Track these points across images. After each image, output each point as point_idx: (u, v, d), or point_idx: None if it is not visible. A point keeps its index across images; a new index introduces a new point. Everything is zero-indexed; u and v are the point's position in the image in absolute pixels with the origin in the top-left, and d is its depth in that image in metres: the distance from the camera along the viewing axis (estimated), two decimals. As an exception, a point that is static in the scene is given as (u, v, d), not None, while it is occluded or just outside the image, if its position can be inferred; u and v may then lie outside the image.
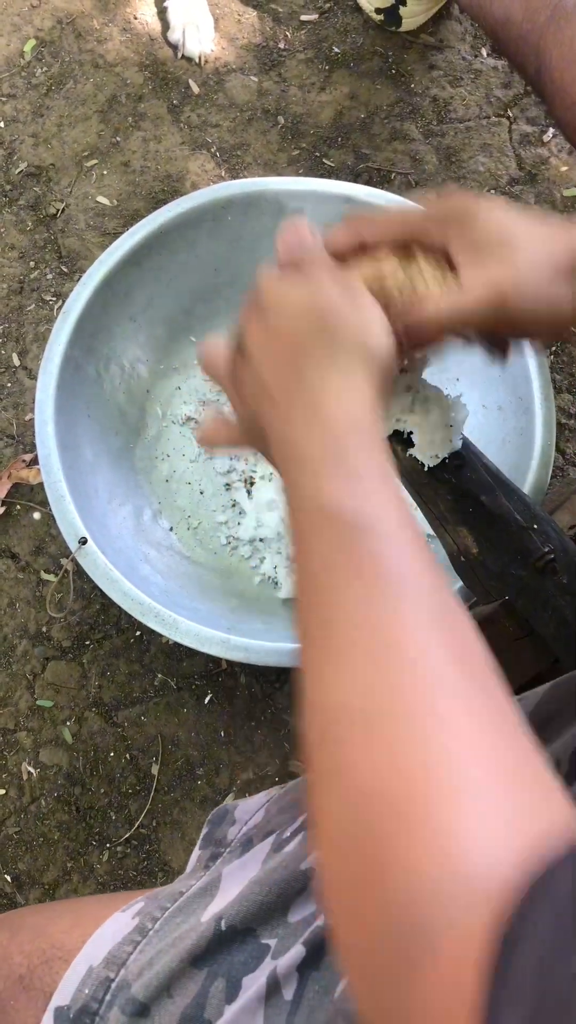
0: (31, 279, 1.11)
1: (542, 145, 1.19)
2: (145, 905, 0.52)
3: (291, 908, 0.48)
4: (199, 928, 0.48)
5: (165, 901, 0.52)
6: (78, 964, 0.50)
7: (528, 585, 0.65)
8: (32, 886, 0.92)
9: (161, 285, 0.97)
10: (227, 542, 0.97)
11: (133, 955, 0.49)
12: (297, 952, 0.46)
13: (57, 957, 0.51)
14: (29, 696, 0.97)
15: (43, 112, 1.19)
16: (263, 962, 0.47)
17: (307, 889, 0.49)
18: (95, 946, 0.50)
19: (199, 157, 1.17)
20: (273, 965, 0.46)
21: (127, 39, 1.22)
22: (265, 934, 0.48)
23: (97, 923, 0.52)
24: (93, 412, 0.94)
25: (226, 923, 0.48)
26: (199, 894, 0.51)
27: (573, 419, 1.08)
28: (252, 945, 0.48)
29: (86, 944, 0.50)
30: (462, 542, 0.67)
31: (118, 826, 0.94)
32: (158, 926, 0.50)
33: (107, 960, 0.49)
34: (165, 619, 0.81)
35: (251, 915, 0.48)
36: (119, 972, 0.49)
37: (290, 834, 0.53)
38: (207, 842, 0.57)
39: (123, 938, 0.50)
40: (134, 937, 0.50)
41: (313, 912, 0.48)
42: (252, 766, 0.95)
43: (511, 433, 0.91)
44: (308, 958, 0.46)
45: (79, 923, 0.53)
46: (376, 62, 1.22)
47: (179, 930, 0.49)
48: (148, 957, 0.49)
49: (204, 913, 0.49)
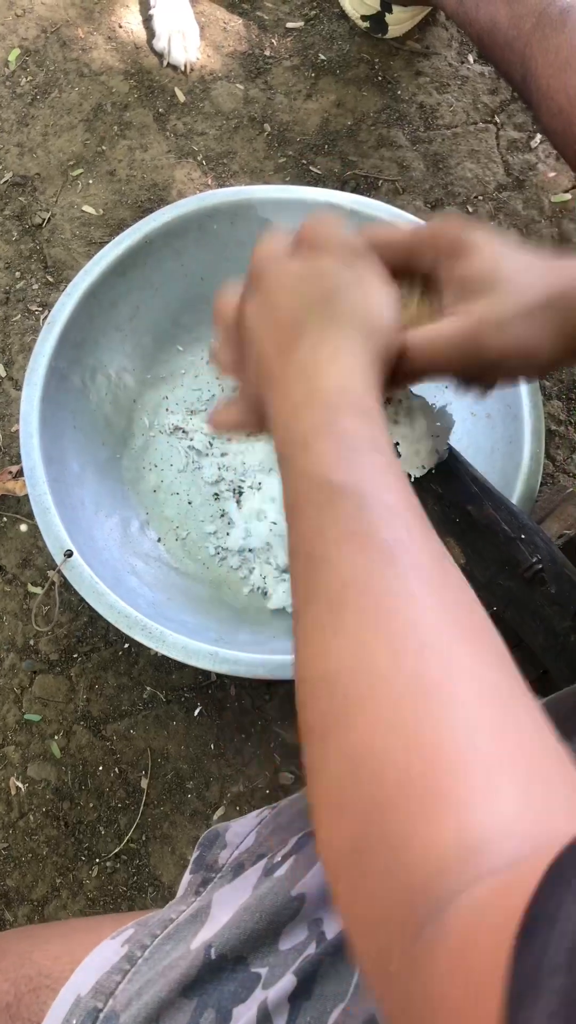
0: (16, 289, 1.11)
1: (529, 151, 1.19)
2: (135, 932, 0.51)
3: (282, 935, 0.48)
4: (188, 956, 0.47)
5: (155, 928, 0.51)
6: (65, 993, 0.49)
7: (516, 596, 0.65)
8: (20, 903, 0.91)
9: (147, 294, 0.97)
10: (216, 552, 0.96)
11: (122, 984, 0.48)
12: (288, 982, 0.45)
13: (44, 985, 0.50)
14: (16, 710, 0.96)
15: (28, 121, 1.18)
16: (254, 992, 0.46)
17: (298, 915, 0.48)
18: (83, 974, 0.49)
19: (185, 165, 1.17)
20: (264, 995, 0.45)
21: (112, 48, 1.21)
22: (256, 963, 0.47)
23: (85, 949, 0.51)
24: (79, 423, 0.93)
25: (216, 951, 0.47)
26: (189, 921, 0.50)
27: (563, 425, 1.07)
28: (242, 974, 0.47)
29: (74, 972, 0.49)
30: (449, 553, 0.66)
31: (107, 841, 0.93)
32: (147, 954, 0.49)
33: (95, 989, 0.48)
34: (152, 632, 0.80)
35: (241, 943, 0.47)
36: (107, 1002, 0.48)
37: (280, 858, 0.52)
38: (198, 866, 0.56)
39: (112, 967, 0.49)
40: (123, 966, 0.49)
41: (304, 940, 0.47)
42: (242, 779, 0.94)
43: (500, 441, 0.91)
44: (300, 988, 0.45)
45: (67, 949, 0.52)
46: (362, 69, 1.21)
47: (168, 958, 0.48)
48: (137, 987, 0.48)
49: (194, 940, 0.48)
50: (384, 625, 0.31)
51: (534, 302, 0.45)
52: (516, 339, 0.45)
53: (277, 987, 0.45)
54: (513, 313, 0.45)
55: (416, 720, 0.29)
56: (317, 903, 0.49)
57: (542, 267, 0.47)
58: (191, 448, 1.00)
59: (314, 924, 0.48)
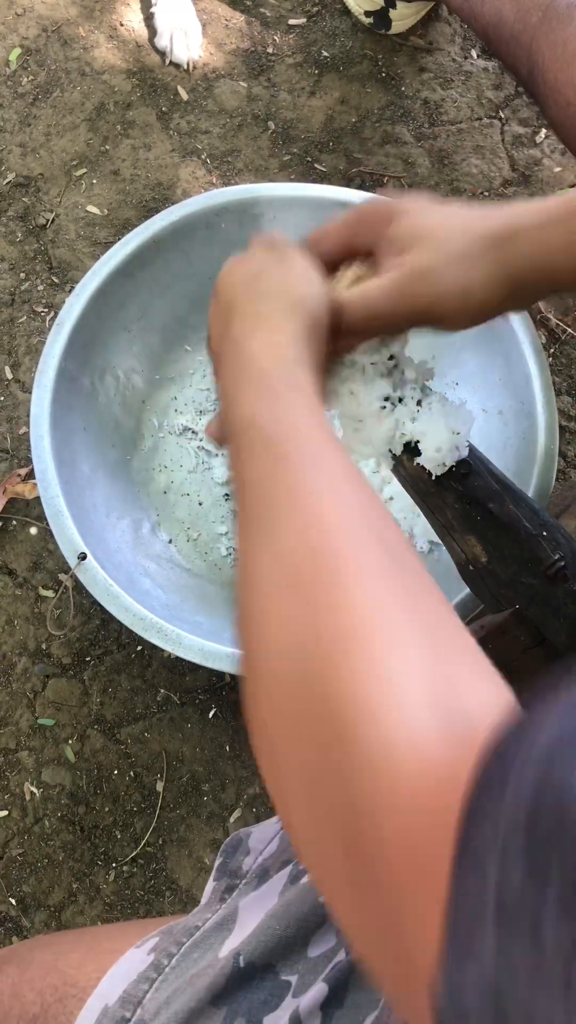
0: (22, 291, 1.10)
1: (535, 146, 1.19)
2: (160, 940, 0.51)
3: (311, 942, 0.47)
4: (217, 964, 0.47)
5: (181, 936, 0.50)
6: (93, 1003, 0.48)
7: (539, 593, 0.64)
8: (37, 909, 0.91)
9: (155, 295, 0.96)
10: (228, 553, 0.96)
11: (149, 993, 0.47)
12: (320, 990, 0.44)
13: (71, 995, 0.49)
14: (30, 715, 0.95)
15: (30, 121, 1.17)
16: (284, 1000, 0.45)
17: (326, 922, 0.47)
18: (110, 984, 0.49)
19: (189, 164, 1.16)
20: (295, 1004, 0.45)
21: (114, 46, 1.21)
22: (285, 970, 0.46)
23: (111, 958, 0.50)
24: (89, 425, 0.93)
25: (244, 959, 0.46)
26: (216, 928, 0.50)
27: (573, 422, 1.07)
28: (272, 982, 0.46)
29: (101, 982, 0.49)
30: (471, 551, 0.65)
31: (124, 845, 0.92)
32: (174, 963, 0.49)
33: (123, 999, 0.48)
34: (168, 634, 0.79)
35: (269, 950, 0.47)
36: (135, 1012, 0.47)
37: None
38: (222, 873, 0.55)
39: (138, 975, 0.48)
40: (149, 974, 0.48)
41: (334, 947, 0.47)
42: (259, 780, 0.93)
43: (513, 437, 0.90)
44: (331, 996, 0.44)
45: (92, 957, 0.51)
46: (366, 65, 1.21)
47: (196, 967, 0.48)
48: (165, 996, 0.47)
49: (221, 948, 0.48)
50: (297, 527, 0.35)
51: (460, 248, 0.48)
52: (445, 283, 0.47)
53: (308, 995, 0.45)
54: (441, 259, 0.47)
55: (327, 599, 0.32)
56: None
57: (468, 216, 0.49)
58: (201, 448, 1.00)
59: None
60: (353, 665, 0.29)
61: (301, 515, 0.35)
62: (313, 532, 0.34)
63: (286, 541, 0.34)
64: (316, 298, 0.46)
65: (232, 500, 0.41)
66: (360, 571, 0.32)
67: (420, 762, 0.26)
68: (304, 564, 0.33)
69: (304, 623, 0.32)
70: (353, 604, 0.31)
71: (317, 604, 0.32)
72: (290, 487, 0.36)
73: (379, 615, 0.31)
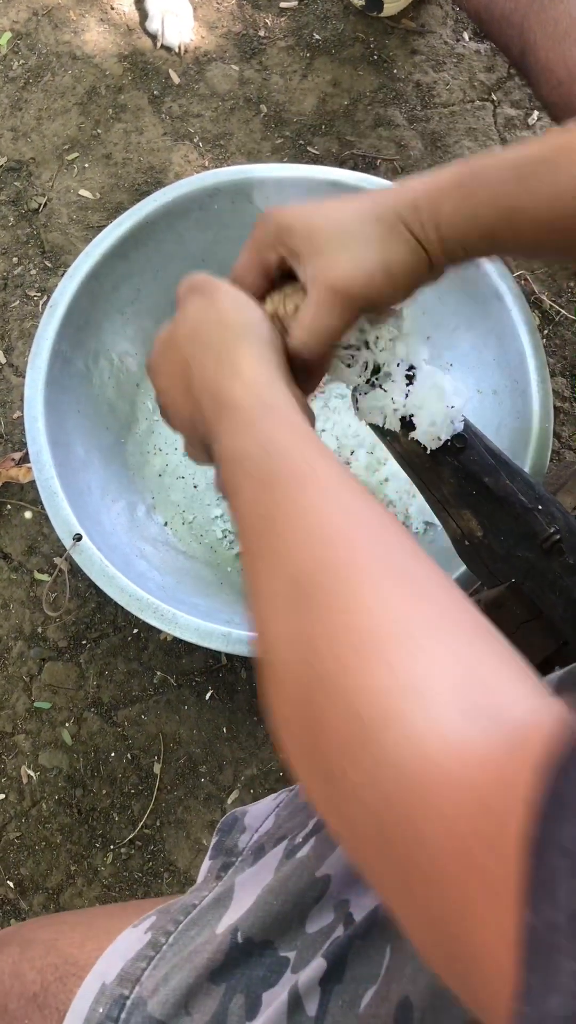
0: (14, 275, 1.10)
1: (527, 128, 1.18)
2: (157, 919, 0.51)
3: (308, 917, 0.47)
4: (215, 941, 0.47)
5: (178, 914, 0.50)
6: (91, 981, 0.48)
7: (535, 567, 0.64)
8: (35, 891, 0.91)
9: (148, 277, 0.96)
10: (223, 535, 0.96)
11: (147, 971, 0.47)
12: (318, 965, 0.44)
13: (70, 974, 0.49)
14: (26, 698, 0.95)
15: (21, 105, 1.17)
16: (283, 976, 0.45)
17: (324, 897, 0.47)
18: (108, 962, 0.49)
19: (182, 148, 1.16)
20: (294, 979, 0.45)
21: (105, 30, 1.20)
22: (283, 946, 0.46)
23: (109, 937, 0.50)
24: (83, 408, 0.92)
25: (242, 935, 0.47)
26: (212, 905, 0.50)
27: (568, 402, 1.07)
28: (270, 958, 0.46)
29: (98, 960, 0.49)
30: (466, 525, 0.66)
31: (121, 827, 0.92)
32: (172, 940, 0.49)
33: (120, 977, 0.48)
34: (164, 614, 0.79)
35: (267, 926, 0.47)
36: (133, 989, 0.47)
37: (302, 839, 0.51)
38: (218, 851, 0.55)
39: (136, 954, 0.48)
40: (147, 952, 0.48)
41: (332, 921, 0.47)
42: (256, 761, 0.94)
43: (507, 417, 0.90)
44: (330, 971, 0.44)
45: (91, 936, 0.51)
46: (358, 48, 1.21)
47: (194, 943, 0.48)
48: (163, 973, 0.47)
49: (219, 925, 0.48)
50: (311, 544, 0.35)
51: (360, 233, 0.49)
52: (363, 272, 0.48)
53: (307, 971, 0.45)
54: (347, 253, 0.48)
55: (342, 604, 0.32)
56: (343, 884, 0.48)
57: (351, 204, 0.50)
58: (196, 431, 1.00)
59: (340, 905, 0.48)
60: (372, 671, 0.29)
61: (300, 530, 0.35)
62: (316, 544, 0.34)
63: (289, 558, 0.35)
64: (255, 318, 0.48)
65: (236, 528, 0.42)
66: (366, 576, 0.32)
67: (456, 763, 0.26)
68: (309, 576, 0.33)
69: (314, 635, 0.32)
70: (363, 610, 0.31)
71: (326, 614, 0.32)
72: (283, 505, 0.37)
73: (391, 618, 0.31)
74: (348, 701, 0.29)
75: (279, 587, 0.34)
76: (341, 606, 0.32)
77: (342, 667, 0.30)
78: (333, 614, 0.32)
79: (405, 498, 0.95)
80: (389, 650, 0.29)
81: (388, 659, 0.29)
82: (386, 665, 0.29)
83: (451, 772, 0.26)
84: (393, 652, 0.29)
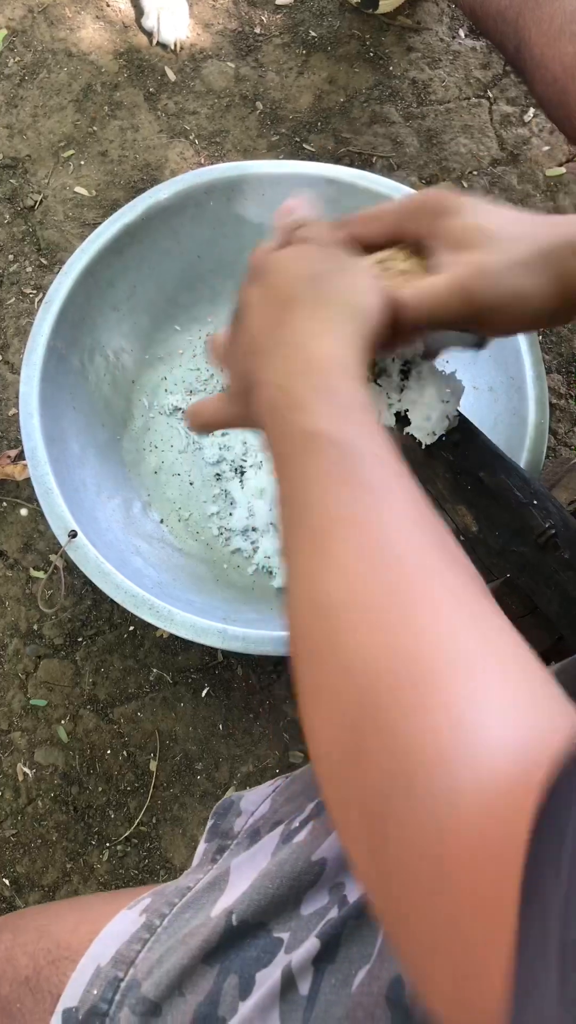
0: (10, 272, 1.09)
1: (523, 125, 1.18)
2: (152, 901, 0.51)
3: (303, 900, 0.47)
4: (209, 923, 0.47)
5: (173, 897, 0.50)
6: (85, 964, 0.48)
7: (530, 562, 0.64)
8: (31, 889, 0.91)
9: (144, 273, 0.96)
10: (219, 533, 0.96)
11: (142, 953, 0.47)
12: (312, 945, 0.44)
13: (63, 957, 0.49)
14: (22, 695, 0.95)
15: (17, 103, 1.17)
16: (276, 956, 0.45)
17: (319, 880, 0.47)
18: (102, 945, 0.49)
19: (178, 145, 1.16)
20: (287, 960, 0.45)
21: (100, 27, 1.20)
22: (277, 928, 0.46)
23: (103, 921, 0.50)
24: (78, 404, 0.92)
25: (237, 917, 0.47)
26: (207, 888, 0.50)
27: (564, 399, 1.07)
28: (264, 939, 0.46)
29: (93, 943, 0.49)
30: (461, 520, 0.65)
31: (117, 825, 0.92)
32: (166, 923, 0.49)
33: (115, 959, 0.48)
34: (160, 611, 0.79)
35: (262, 908, 0.47)
36: (128, 971, 0.47)
37: (299, 824, 0.51)
38: (213, 834, 0.55)
39: (131, 936, 0.48)
40: (142, 935, 0.48)
41: (326, 904, 0.47)
42: (252, 758, 0.93)
43: (503, 413, 0.90)
44: (323, 951, 0.44)
45: (85, 921, 0.51)
46: (353, 45, 1.20)
47: (188, 926, 0.48)
48: (157, 955, 0.47)
49: (213, 908, 0.48)
50: (372, 557, 0.33)
51: (524, 253, 0.46)
52: (507, 287, 0.46)
53: (300, 951, 0.45)
54: (504, 262, 0.46)
55: (402, 628, 0.31)
56: (338, 868, 0.48)
57: (531, 221, 0.48)
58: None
59: (336, 888, 0.48)
60: (426, 701, 0.28)
61: (374, 541, 0.34)
62: (388, 559, 0.33)
63: (356, 565, 0.33)
64: (379, 310, 0.45)
65: (279, 506, 0.39)
66: (434, 603, 0.31)
67: (485, 801, 0.25)
68: (376, 590, 0.32)
69: (375, 649, 0.30)
70: (428, 636, 0.30)
71: (391, 633, 0.31)
72: (364, 511, 0.35)
73: (454, 650, 0.30)
74: (397, 726, 0.28)
75: (341, 590, 0.33)
76: (407, 630, 0.30)
77: (395, 699, 0.29)
78: (397, 634, 0.30)
79: (401, 495, 0.95)
80: (446, 682, 0.28)
81: (444, 690, 0.28)
82: (441, 696, 0.28)
83: (475, 810, 0.25)
84: (450, 684, 0.28)
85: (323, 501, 0.36)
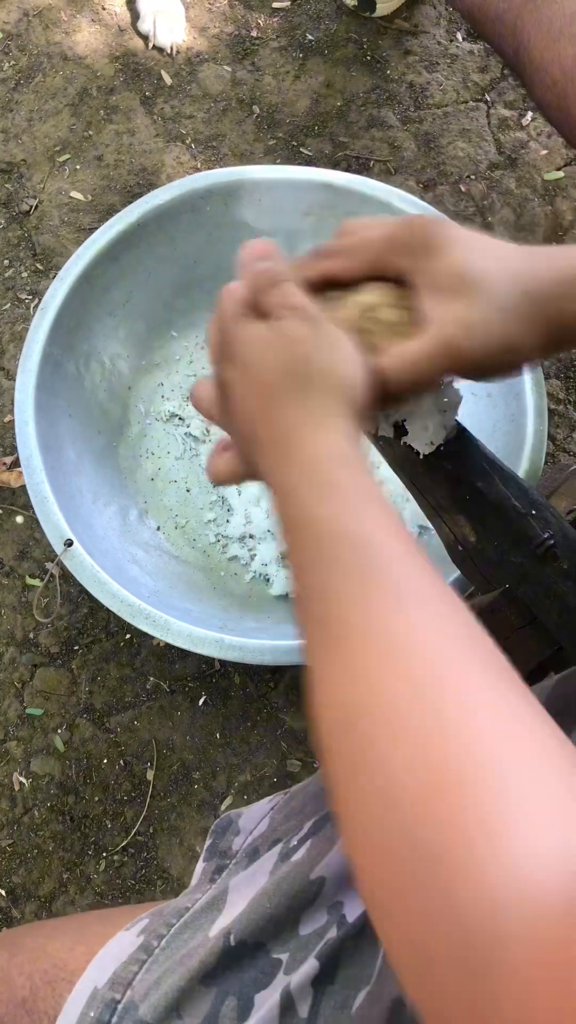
0: (5, 278, 1.09)
1: (521, 129, 1.18)
2: (150, 922, 0.50)
3: (302, 920, 0.46)
4: (207, 944, 0.46)
5: (171, 917, 0.50)
6: (82, 986, 0.48)
7: (528, 572, 0.64)
8: (28, 899, 0.90)
9: (140, 279, 0.95)
10: (216, 540, 0.95)
11: (139, 975, 0.47)
12: (311, 967, 0.44)
13: (60, 978, 0.49)
14: (18, 704, 0.95)
15: (12, 107, 1.16)
16: (275, 977, 0.45)
17: (317, 899, 0.47)
18: (99, 966, 0.48)
19: (174, 149, 1.15)
20: (286, 981, 0.44)
21: (96, 30, 1.19)
22: (276, 948, 0.46)
23: (101, 941, 0.49)
24: (74, 411, 0.92)
25: (235, 938, 0.46)
26: (206, 908, 0.49)
27: (562, 404, 1.07)
28: (263, 960, 0.46)
29: (90, 964, 0.48)
30: (459, 531, 0.65)
31: (114, 834, 0.91)
32: (164, 943, 0.48)
33: (112, 981, 0.47)
34: (156, 620, 0.79)
35: (260, 928, 0.46)
36: (125, 993, 0.46)
37: (297, 842, 0.51)
38: (211, 854, 0.55)
39: (128, 957, 0.48)
40: (139, 956, 0.48)
41: (325, 924, 0.46)
42: (249, 767, 0.93)
43: (502, 420, 0.90)
44: (322, 972, 0.44)
45: (82, 941, 0.51)
46: (351, 49, 1.20)
47: (186, 947, 0.47)
48: (155, 976, 0.46)
49: (212, 928, 0.47)
50: (395, 664, 0.32)
51: (512, 298, 0.45)
52: (496, 341, 0.44)
53: (299, 972, 0.44)
54: (491, 313, 0.44)
55: (444, 758, 0.29)
56: (336, 886, 0.48)
57: (518, 258, 0.46)
58: (188, 435, 0.99)
59: (334, 908, 0.47)
60: (473, 816, 0.27)
61: (394, 647, 0.32)
62: (415, 661, 0.31)
63: (376, 669, 0.32)
64: (361, 380, 0.43)
65: (298, 604, 0.38)
66: (470, 705, 0.30)
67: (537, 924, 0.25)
68: (404, 695, 0.30)
69: (412, 760, 0.29)
70: (470, 741, 0.29)
71: (425, 739, 0.29)
72: (382, 615, 0.33)
73: (495, 756, 0.28)
74: (423, 836, 0.27)
75: (363, 696, 0.31)
76: (446, 746, 0.29)
77: (421, 796, 0.28)
78: (433, 749, 0.29)
79: (399, 502, 0.94)
80: (489, 793, 0.27)
81: (491, 802, 0.27)
82: (486, 811, 0.27)
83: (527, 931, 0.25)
84: (494, 796, 0.27)
85: (340, 605, 0.34)
